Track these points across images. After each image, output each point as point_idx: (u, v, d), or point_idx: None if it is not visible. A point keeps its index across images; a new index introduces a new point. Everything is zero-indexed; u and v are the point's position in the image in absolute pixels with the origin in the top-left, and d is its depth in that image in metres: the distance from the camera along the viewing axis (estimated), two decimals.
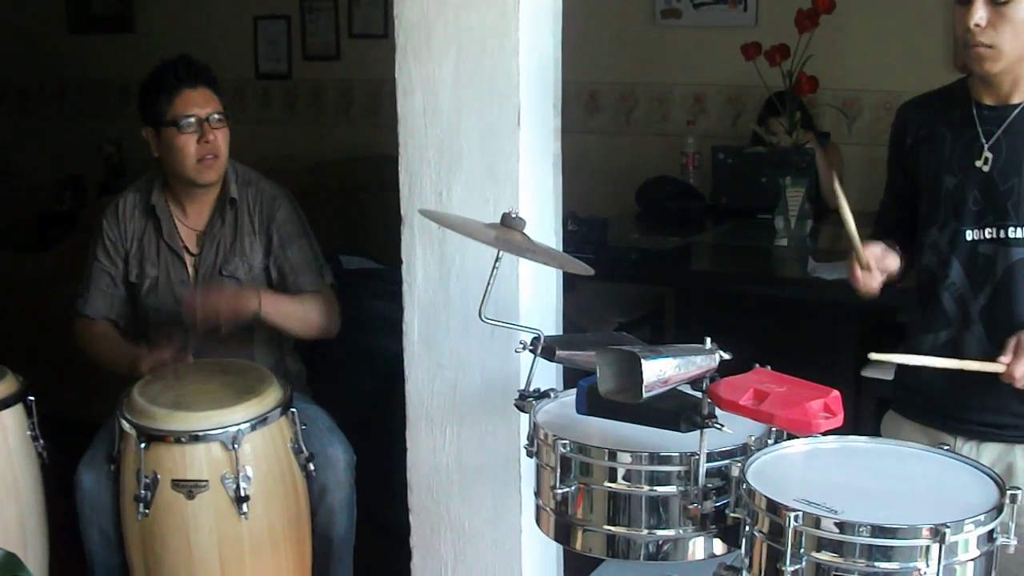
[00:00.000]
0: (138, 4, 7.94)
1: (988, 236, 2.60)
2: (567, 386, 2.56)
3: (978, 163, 2.62)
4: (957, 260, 2.65)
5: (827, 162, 5.45)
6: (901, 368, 2.86)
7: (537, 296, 3.14)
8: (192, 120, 3.54)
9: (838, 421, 2.09)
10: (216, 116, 3.57)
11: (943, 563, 1.95)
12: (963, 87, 2.68)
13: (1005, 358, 2.48)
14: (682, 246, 5.02)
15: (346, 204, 6.03)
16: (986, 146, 2.61)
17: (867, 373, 4.09)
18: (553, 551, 3.30)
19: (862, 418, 3.98)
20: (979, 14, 2.50)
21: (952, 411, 2.68)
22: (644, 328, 5.45)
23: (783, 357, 2.36)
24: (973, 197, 2.62)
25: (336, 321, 3.70)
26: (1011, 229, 2.58)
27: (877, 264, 2.67)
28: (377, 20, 7.07)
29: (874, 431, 2.88)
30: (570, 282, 3.39)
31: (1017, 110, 2.60)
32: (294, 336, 3.74)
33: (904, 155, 2.81)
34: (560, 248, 3.25)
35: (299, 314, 3.63)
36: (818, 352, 4.23)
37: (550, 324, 3.20)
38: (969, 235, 2.62)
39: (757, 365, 2.27)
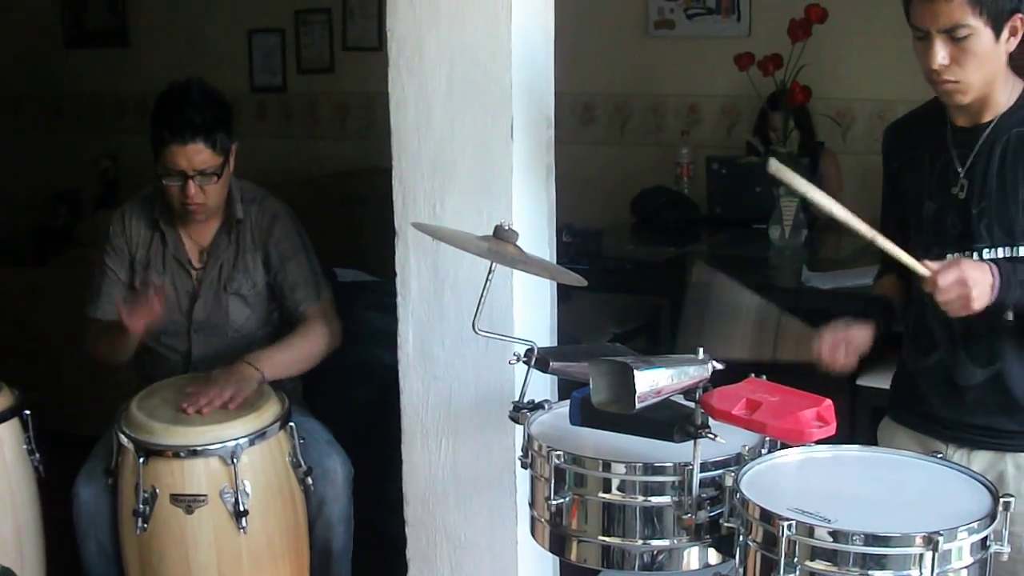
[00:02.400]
0: (133, 18, 7.95)
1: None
2: (562, 397, 2.57)
3: (954, 189, 2.60)
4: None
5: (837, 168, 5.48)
6: (896, 376, 2.87)
7: (531, 308, 3.14)
8: (175, 175, 3.50)
9: (831, 430, 2.10)
10: (203, 172, 3.49)
11: (937, 571, 1.96)
12: (940, 106, 2.65)
13: (936, 265, 2.42)
14: (677, 256, 5.03)
15: (341, 217, 6.04)
16: (961, 172, 2.60)
17: (862, 381, 4.09)
18: (549, 562, 3.30)
19: (858, 426, 3.99)
20: (940, 55, 2.46)
21: (943, 418, 2.68)
22: (640, 338, 5.45)
23: (778, 366, 2.37)
24: (951, 221, 2.61)
25: (336, 338, 3.68)
26: (985, 250, 2.56)
27: (841, 344, 2.67)
28: (371, 33, 7.08)
29: (870, 439, 2.89)
30: (565, 293, 3.40)
31: (987, 130, 2.58)
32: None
33: (892, 177, 2.82)
34: (554, 260, 3.26)
35: (299, 356, 3.60)
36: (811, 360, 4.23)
37: (544, 335, 3.21)
38: (949, 258, 2.60)
39: (753, 375, 2.28)
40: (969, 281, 2.38)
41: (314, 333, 3.63)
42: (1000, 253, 2.55)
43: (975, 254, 2.57)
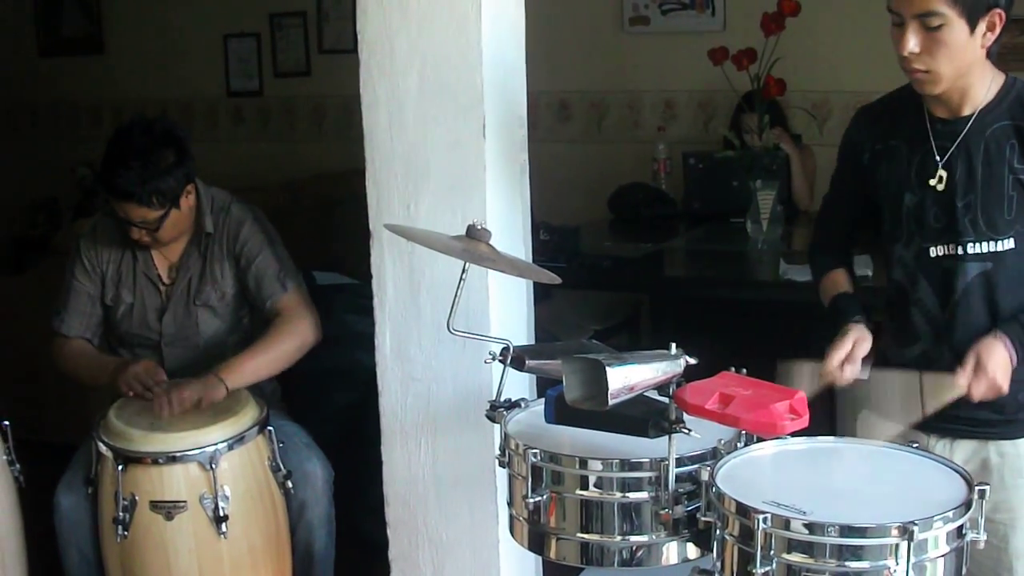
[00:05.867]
0: (107, 25, 7.93)
1: (949, 252, 2.60)
2: (540, 395, 2.57)
3: (932, 182, 2.61)
4: (923, 276, 2.65)
5: (801, 164, 5.47)
6: (876, 367, 2.87)
7: (508, 306, 3.14)
8: (121, 217, 3.55)
9: (803, 422, 2.10)
10: (142, 222, 3.52)
11: (913, 560, 1.96)
12: (915, 93, 2.64)
13: (963, 378, 2.48)
14: (655, 252, 5.04)
15: (320, 220, 6.04)
16: (940, 164, 2.60)
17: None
18: (531, 560, 3.30)
19: (838, 417, 3.99)
20: (912, 41, 2.46)
21: None
22: (621, 335, 5.45)
23: (759, 359, 2.38)
24: (933, 214, 2.61)
25: (315, 329, 3.65)
26: (970, 244, 2.57)
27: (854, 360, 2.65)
28: (347, 35, 7.05)
29: (850, 431, 2.90)
30: (545, 291, 3.41)
31: (969, 123, 2.58)
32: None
33: (861, 168, 2.79)
34: (530, 258, 3.26)
35: (270, 359, 3.58)
36: (794, 354, 4.23)
37: (521, 334, 3.21)
38: (933, 251, 2.62)
39: (733, 369, 2.28)
40: (997, 376, 2.46)
41: (285, 330, 3.60)
42: (985, 247, 2.57)
43: (959, 247, 2.58)
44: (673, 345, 2.21)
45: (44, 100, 8.11)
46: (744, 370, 2.28)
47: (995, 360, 2.47)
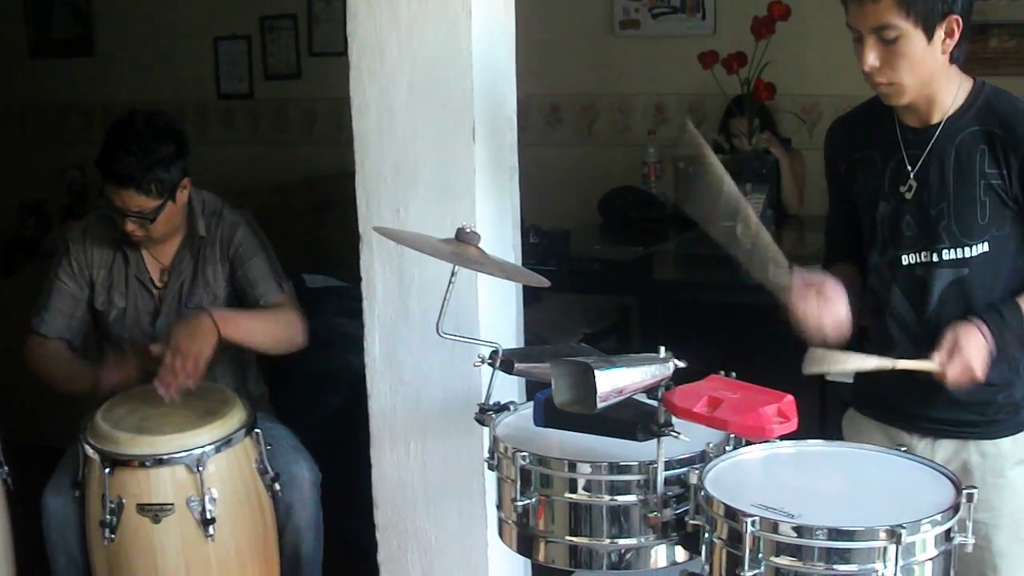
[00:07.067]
0: (98, 28, 7.92)
1: (923, 260, 2.61)
2: (530, 398, 2.58)
3: (902, 189, 2.63)
4: (897, 285, 2.66)
5: (790, 166, 5.47)
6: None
7: (497, 309, 3.14)
8: (115, 210, 3.53)
9: (792, 426, 2.11)
10: (139, 214, 3.50)
11: (901, 563, 1.96)
12: (885, 104, 2.65)
13: (939, 356, 2.48)
14: (645, 256, 5.04)
15: (310, 222, 6.03)
16: (912, 173, 2.61)
17: (832, 376, 4.10)
18: (520, 564, 3.30)
19: (828, 421, 3.99)
20: (871, 56, 2.49)
21: (907, 409, 2.69)
22: (611, 338, 5.46)
23: (749, 363, 2.38)
24: (906, 222, 2.62)
25: (302, 332, 3.66)
26: (944, 251, 2.58)
27: (812, 291, 2.63)
28: (337, 38, 6.97)
29: (839, 434, 2.90)
30: (535, 295, 3.41)
31: (938, 131, 2.59)
32: (263, 352, 3.73)
33: (840, 179, 2.82)
34: (519, 261, 3.26)
35: (260, 328, 3.60)
36: (783, 357, 4.24)
37: (511, 337, 3.21)
38: (905, 259, 2.63)
39: (722, 372, 2.28)
40: (972, 362, 2.46)
41: (281, 315, 3.62)
42: (959, 253, 2.57)
43: (934, 255, 2.58)
44: (662, 348, 2.22)
45: (34, 102, 8.10)
46: (733, 374, 2.29)
47: (971, 344, 2.47)
